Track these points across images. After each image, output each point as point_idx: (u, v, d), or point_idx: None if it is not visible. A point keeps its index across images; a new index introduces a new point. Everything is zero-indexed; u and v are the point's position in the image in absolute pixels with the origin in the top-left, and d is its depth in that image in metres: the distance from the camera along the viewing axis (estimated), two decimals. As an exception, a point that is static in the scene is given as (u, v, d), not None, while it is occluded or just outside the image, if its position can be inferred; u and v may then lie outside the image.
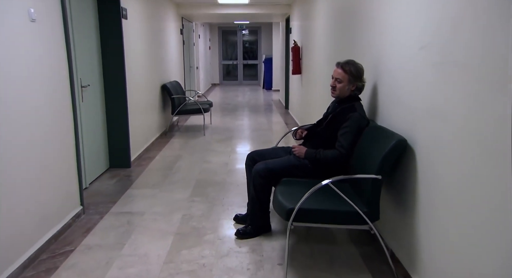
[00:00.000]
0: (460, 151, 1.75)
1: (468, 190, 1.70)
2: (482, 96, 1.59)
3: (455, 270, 1.80)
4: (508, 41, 1.42)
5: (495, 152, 1.51)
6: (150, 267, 2.51)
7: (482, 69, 1.58)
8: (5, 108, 2.28)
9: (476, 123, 1.63)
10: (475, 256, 1.64)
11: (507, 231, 1.44)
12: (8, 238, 2.30)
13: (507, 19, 1.42)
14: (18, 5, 2.43)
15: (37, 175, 2.63)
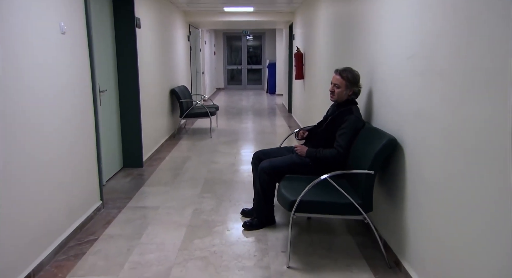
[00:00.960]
0: (441, 148, 2.04)
1: (448, 183, 1.98)
2: (459, 101, 1.87)
3: (437, 254, 2.08)
4: (483, 53, 1.71)
5: (471, 150, 1.79)
6: (167, 254, 2.80)
7: (460, 77, 1.87)
8: (42, 111, 2.58)
9: (455, 124, 1.91)
10: (454, 241, 1.92)
11: (482, 219, 1.73)
12: (42, 227, 2.60)
13: (481, 34, 1.72)
14: (52, 19, 2.73)
15: (66, 172, 2.93)
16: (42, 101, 2.60)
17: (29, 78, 2.45)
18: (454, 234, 1.90)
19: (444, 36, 1.99)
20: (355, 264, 2.66)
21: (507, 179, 1.50)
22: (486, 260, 1.65)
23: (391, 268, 2.60)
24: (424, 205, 2.22)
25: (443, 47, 2.00)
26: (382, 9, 2.91)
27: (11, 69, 2.26)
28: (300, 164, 3.10)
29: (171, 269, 2.59)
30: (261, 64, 16.86)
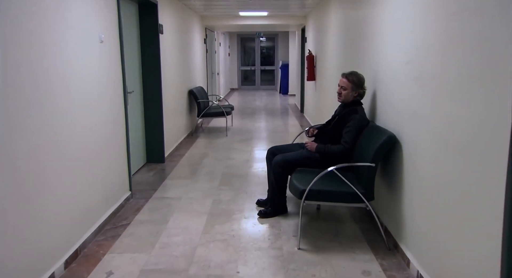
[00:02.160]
0: (432, 144, 2.37)
1: (437, 175, 2.31)
2: (447, 102, 2.20)
3: (429, 237, 2.41)
4: (468, 61, 2.04)
5: (458, 146, 2.12)
6: (191, 236, 3.17)
7: (448, 82, 2.20)
8: (85, 111, 2.97)
9: (443, 123, 2.24)
10: (443, 225, 2.25)
11: (468, 206, 2.06)
12: (85, 212, 2.99)
13: (466, 45, 2.05)
14: (93, 30, 3.13)
15: (103, 166, 3.32)
16: (86, 101, 2.99)
17: (79, 82, 2.84)
18: (444, 219, 2.23)
19: (435, 45, 2.32)
20: (358, 247, 3.00)
21: (489, 170, 1.83)
22: (471, 241, 1.98)
23: (390, 250, 2.93)
24: (418, 194, 2.55)
25: (434, 55, 2.32)
26: (383, 18, 3.24)
27: (67, 72, 2.65)
28: (310, 159, 3.45)
29: (195, 249, 2.96)
30: (274, 65, 17.20)
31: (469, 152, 1.92)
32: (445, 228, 2.18)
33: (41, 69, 2.38)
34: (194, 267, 2.70)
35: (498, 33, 1.69)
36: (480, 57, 1.83)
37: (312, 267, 2.71)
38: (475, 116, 1.87)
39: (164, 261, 2.78)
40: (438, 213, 2.26)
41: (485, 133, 1.79)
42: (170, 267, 2.70)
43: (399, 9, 2.89)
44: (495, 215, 1.71)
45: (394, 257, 2.84)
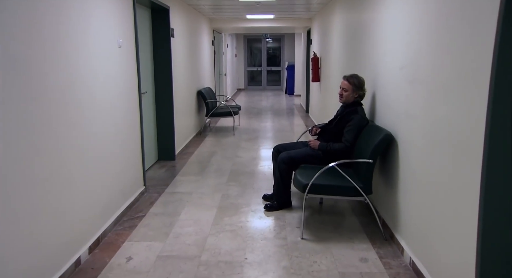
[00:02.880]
0: (422, 142, 2.60)
1: (427, 170, 2.54)
2: (435, 104, 2.44)
3: (420, 227, 2.64)
4: (453, 68, 2.27)
5: (446, 143, 2.35)
6: (202, 227, 3.42)
7: (436, 86, 2.43)
8: (105, 112, 3.23)
9: (432, 123, 2.47)
10: (432, 216, 2.49)
11: (453, 199, 2.29)
12: (105, 204, 3.25)
13: (451, 53, 2.28)
14: (112, 36, 3.39)
15: (120, 163, 3.58)
16: (105, 103, 3.25)
17: (99, 84, 3.10)
18: (432, 211, 2.46)
19: (426, 52, 2.54)
20: (357, 237, 3.23)
21: (470, 166, 2.06)
22: (454, 230, 2.21)
23: (387, 240, 3.17)
24: (411, 189, 2.77)
25: (425, 61, 2.55)
26: (382, 25, 3.47)
27: (89, 76, 2.91)
28: (313, 156, 3.68)
29: (206, 238, 3.21)
30: (280, 66, 17.44)
31: (456, 149, 2.15)
32: (433, 219, 2.41)
33: (66, 73, 2.64)
34: (205, 254, 2.95)
35: (478, 43, 1.92)
36: (463, 64, 2.06)
37: (314, 254, 2.95)
38: (460, 116, 2.10)
39: (178, 249, 3.03)
40: (428, 206, 2.49)
41: (468, 132, 2.02)
42: (184, 254, 2.95)
43: (396, 18, 3.12)
44: (475, 208, 1.94)
45: (390, 246, 3.07)
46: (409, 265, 2.77)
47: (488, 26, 1.81)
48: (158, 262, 2.83)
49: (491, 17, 1.79)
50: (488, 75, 1.80)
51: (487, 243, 1.87)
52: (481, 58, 1.87)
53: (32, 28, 2.23)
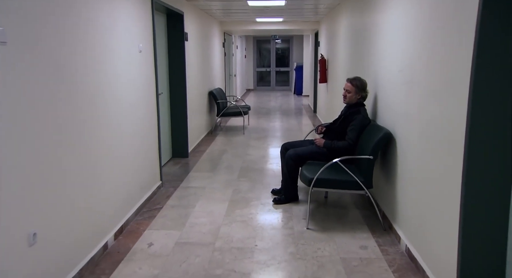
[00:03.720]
0: (416, 139, 2.86)
1: (420, 165, 2.80)
2: (428, 104, 2.70)
3: (415, 217, 2.90)
4: (443, 72, 2.54)
5: (437, 140, 2.61)
6: (215, 218, 3.71)
7: (428, 88, 2.69)
8: (127, 112, 3.54)
9: (424, 121, 2.74)
10: (426, 208, 2.75)
11: (443, 191, 2.55)
12: (127, 196, 3.55)
13: (441, 59, 2.54)
14: (134, 42, 3.69)
15: (139, 159, 3.88)
16: (128, 104, 3.55)
17: (123, 86, 3.40)
18: (425, 202, 2.72)
19: (420, 57, 2.81)
20: (358, 228, 3.50)
21: (456, 161, 2.33)
22: (444, 220, 2.47)
23: (386, 230, 3.43)
24: (408, 182, 3.04)
25: (419, 65, 2.81)
26: (383, 30, 3.73)
27: (114, 79, 3.22)
28: (318, 153, 3.95)
29: (220, 228, 3.50)
30: (289, 67, 17.69)
31: (442, 146, 2.42)
32: (426, 210, 2.67)
33: (95, 77, 2.95)
34: (219, 241, 3.24)
35: (462, 52, 2.18)
36: (451, 70, 2.32)
37: (318, 242, 3.22)
38: (448, 116, 2.36)
39: (194, 236, 3.32)
40: (421, 198, 2.75)
41: (454, 130, 2.28)
42: (199, 241, 3.24)
43: (394, 24, 3.38)
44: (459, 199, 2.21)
45: (388, 235, 3.33)
46: (404, 252, 3.03)
47: (470, 36, 2.07)
48: (176, 248, 3.12)
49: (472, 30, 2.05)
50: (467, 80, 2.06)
51: (467, 229, 2.13)
52: (465, 65, 2.13)
53: (69, 38, 2.53)
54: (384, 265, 2.86)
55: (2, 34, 1.88)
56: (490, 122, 2.04)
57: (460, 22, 2.19)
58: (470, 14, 2.07)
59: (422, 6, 2.77)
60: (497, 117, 2.03)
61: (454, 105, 2.26)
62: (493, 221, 2.11)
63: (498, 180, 2.07)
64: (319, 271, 2.79)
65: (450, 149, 2.31)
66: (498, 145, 2.05)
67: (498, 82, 2.00)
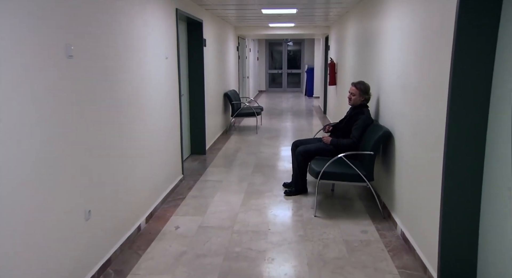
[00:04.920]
0: (410, 137, 3.28)
1: (413, 159, 3.22)
2: (419, 106, 3.12)
3: (409, 206, 3.32)
4: (432, 78, 2.96)
5: (426, 137, 3.03)
6: (233, 207, 4.16)
7: (420, 92, 3.11)
8: (156, 112, 4.01)
9: (417, 121, 3.15)
10: (417, 197, 3.17)
11: (429, 182, 2.97)
12: (155, 187, 4.02)
13: (431, 68, 2.97)
14: (161, 50, 4.17)
15: (165, 155, 4.36)
16: (157, 104, 4.03)
17: (153, 89, 3.88)
18: (416, 192, 3.14)
19: (412, 65, 3.22)
20: (361, 216, 3.92)
21: (440, 154, 2.75)
22: (430, 206, 2.89)
23: (385, 218, 3.84)
24: (403, 176, 3.45)
25: (412, 71, 3.23)
26: (383, 37, 4.15)
27: (146, 82, 3.69)
28: (326, 149, 4.38)
29: (237, 215, 3.95)
30: (300, 69, 18.11)
31: (429, 142, 2.83)
32: (417, 199, 3.08)
33: (131, 81, 3.42)
34: (237, 225, 3.69)
35: (444, 61, 2.60)
36: (436, 76, 2.74)
37: (324, 227, 3.65)
38: (434, 115, 2.78)
39: (214, 222, 3.78)
40: (414, 189, 3.17)
41: (437, 128, 2.69)
42: (219, 225, 3.70)
43: (393, 34, 3.80)
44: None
45: (387, 222, 3.75)
46: (400, 236, 3.45)
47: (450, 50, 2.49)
48: (200, 230, 3.58)
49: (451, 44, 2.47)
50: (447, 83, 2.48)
51: (446, 213, 2.54)
52: (447, 73, 2.55)
53: (115, 51, 3.01)
54: (381, 246, 3.28)
55: (71, 50, 2.36)
56: (465, 122, 2.45)
57: (444, 36, 2.60)
58: (451, 30, 2.49)
59: (414, 19, 3.19)
60: (470, 117, 2.44)
61: (438, 107, 2.68)
62: (467, 206, 2.52)
63: (471, 171, 2.49)
64: (324, 250, 3.22)
65: (434, 145, 2.72)
66: (472, 141, 2.46)
67: (472, 88, 2.41)
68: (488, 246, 2.43)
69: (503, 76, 2.28)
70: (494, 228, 2.36)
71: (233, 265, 2.98)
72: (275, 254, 3.16)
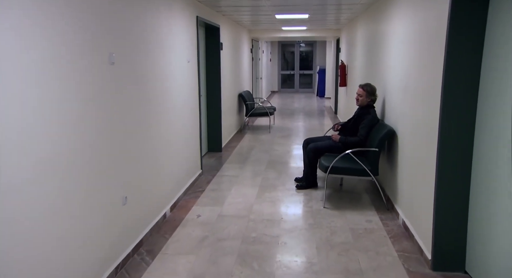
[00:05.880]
0: (410, 134, 3.61)
1: (413, 156, 3.55)
2: (418, 107, 3.45)
3: (409, 197, 3.65)
4: (429, 81, 3.30)
5: (422, 134, 3.37)
6: (249, 199, 4.53)
7: (418, 93, 3.45)
8: (179, 111, 4.40)
9: (415, 119, 3.49)
10: (415, 189, 3.50)
11: (426, 176, 3.31)
12: (178, 180, 4.41)
13: (427, 72, 3.30)
14: (184, 55, 4.56)
15: (186, 151, 4.75)
16: (180, 104, 4.42)
17: (177, 90, 4.27)
18: (415, 185, 3.47)
19: (412, 68, 3.56)
20: (366, 208, 4.26)
21: (434, 150, 3.08)
22: (425, 197, 3.22)
23: (388, 209, 4.18)
24: (404, 171, 3.78)
25: (411, 75, 3.56)
26: (387, 43, 4.48)
27: (171, 84, 4.08)
28: (334, 146, 4.73)
29: (252, 206, 4.32)
30: (312, 70, 18.41)
31: (425, 140, 3.17)
32: (416, 191, 3.42)
33: (160, 83, 3.81)
34: (252, 215, 4.06)
35: (438, 67, 2.94)
36: (430, 80, 3.07)
37: (332, 217, 4.00)
38: (429, 115, 3.11)
39: (232, 211, 4.15)
40: (413, 182, 3.50)
41: (432, 127, 3.03)
42: (237, 214, 4.07)
43: (396, 39, 4.13)
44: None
45: (390, 213, 4.08)
46: (401, 225, 3.78)
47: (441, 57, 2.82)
48: (219, 218, 3.96)
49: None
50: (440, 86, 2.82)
51: (438, 203, 2.87)
52: (440, 78, 2.88)
53: (146, 57, 3.40)
54: (384, 233, 3.62)
55: (113, 58, 2.75)
56: (455, 122, 2.78)
57: (438, 42, 2.94)
58: (444, 37, 2.82)
59: (413, 25, 3.52)
60: (460, 117, 2.77)
61: (433, 108, 3.01)
62: (457, 197, 2.85)
63: (461, 166, 2.81)
64: (331, 236, 3.57)
65: (429, 142, 3.06)
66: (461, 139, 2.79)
67: (462, 91, 2.74)
68: (475, 231, 2.76)
69: (488, 80, 2.61)
70: (480, 215, 2.69)
71: (250, 247, 3.36)
72: (288, 239, 3.53)
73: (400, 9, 4.07)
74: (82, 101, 2.42)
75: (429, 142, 3.08)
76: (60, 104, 2.22)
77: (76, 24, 2.34)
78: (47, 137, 2.11)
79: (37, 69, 2.01)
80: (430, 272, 2.95)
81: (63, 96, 2.24)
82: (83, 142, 2.45)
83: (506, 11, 2.39)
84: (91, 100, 2.53)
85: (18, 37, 1.87)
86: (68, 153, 2.29)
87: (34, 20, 1.98)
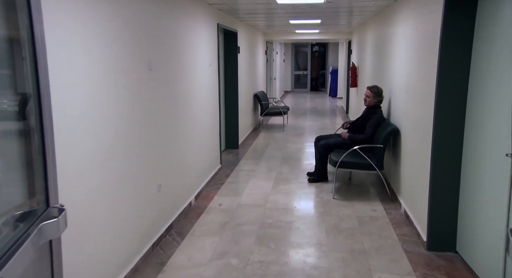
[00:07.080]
0: (411, 131, 4.01)
1: (413, 150, 3.95)
2: (416, 106, 3.86)
3: (410, 188, 4.06)
4: (426, 84, 3.70)
5: (420, 131, 3.77)
6: (265, 190, 4.98)
7: (417, 95, 3.85)
8: (202, 110, 4.87)
9: (415, 118, 3.89)
10: (415, 181, 3.91)
11: (423, 169, 3.71)
12: (201, 173, 4.88)
13: (425, 75, 3.71)
14: (207, 58, 5.03)
15: (207, 147, 5.21)
16: (203, 104, 4.88)
17: (200, 91, 4.73)
18: (414, 177, 3.88)
19: (413, 71, 3.96)
20: (372, 198, 4.67)
21: (429, 146, 3.49)
22: (422, 187, 3.63)
23: (392, 200, 4.59)
24: (406, 165, 4.18)
25: (412, 78, 3.96)
26: (394, 46, 4.88)
27: (195, 85, 4.55)
28: (344, 143, 5.14)
29: (268, 196, 4.76)
30: (325, 70, 18.77)
31: (422, 135, 3.57)
32: (415, 182, 3.82)
33: (186, 84, 4.28)
34: (268, 204, 4.51)
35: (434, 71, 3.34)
36: (428, 83, 3.47)
37: (340, 206, 4.43)
38: (426, 115, 3.51)
39: (250, 201, 4.60)
40: (413, 175, 3.90)
41: (428, 125, 3.43)
42: (254, 203, 4.52)
43: (400, 44, 4.53)
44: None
45: (393, 204, 4.49)
46: (403, 213, 4.19)
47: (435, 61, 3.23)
48: (238, 207, 4.42)
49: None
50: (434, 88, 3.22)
51: (433, 193, 3.28)
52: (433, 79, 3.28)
53: (177, 62, 3.87)
54: (387, 221, 4.04)
55: (150, 64, 3.23)
56: (447, 120, 3.18)
57: (434, 49, 3.34)
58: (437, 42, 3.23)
59: (414, 31, 3.92)
60: (451, 116, 3.17)
61: (429, 107, 3.41)
62: (449, 186, 3.25)
63: (452, 160, 3.22)
64: (339, 222, 4.00)
65: (426, 139, 3.46)
66: (453, 136, 3.19)
67: (453, 92, 3.15)
68: (465, 217, 3.17)
69: (476, 81, 3.01)
70: (469, 202, 3.09)
71: (267, 231, 3.80)
72: (300, 224, 3.96)
73: (404, 15, 4.47)
74: (128, 101, 2.90)
75: (426, 139, 3.48)
76: (113, 104, 2.69)
77: (125, 35, 2.81)
78: (105, 131, 2.58)
79: (99, 75, 2.49)
80: (425, 252, 3.36)
81: (116, 96, 2.71)
82: (131, 136, 2.92)
83: (493, 13, 2.79)
84: (134, 100, 3.00)
85: (86, 48, 2.35)
86: (122, 145, 2.77)
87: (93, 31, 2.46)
